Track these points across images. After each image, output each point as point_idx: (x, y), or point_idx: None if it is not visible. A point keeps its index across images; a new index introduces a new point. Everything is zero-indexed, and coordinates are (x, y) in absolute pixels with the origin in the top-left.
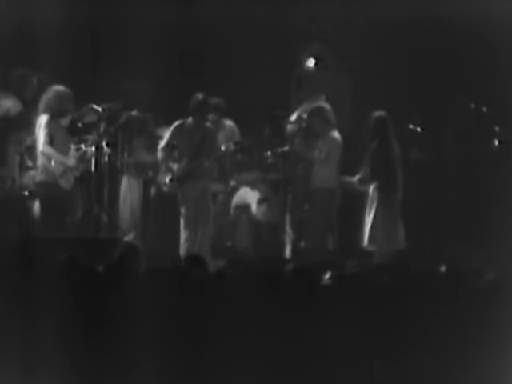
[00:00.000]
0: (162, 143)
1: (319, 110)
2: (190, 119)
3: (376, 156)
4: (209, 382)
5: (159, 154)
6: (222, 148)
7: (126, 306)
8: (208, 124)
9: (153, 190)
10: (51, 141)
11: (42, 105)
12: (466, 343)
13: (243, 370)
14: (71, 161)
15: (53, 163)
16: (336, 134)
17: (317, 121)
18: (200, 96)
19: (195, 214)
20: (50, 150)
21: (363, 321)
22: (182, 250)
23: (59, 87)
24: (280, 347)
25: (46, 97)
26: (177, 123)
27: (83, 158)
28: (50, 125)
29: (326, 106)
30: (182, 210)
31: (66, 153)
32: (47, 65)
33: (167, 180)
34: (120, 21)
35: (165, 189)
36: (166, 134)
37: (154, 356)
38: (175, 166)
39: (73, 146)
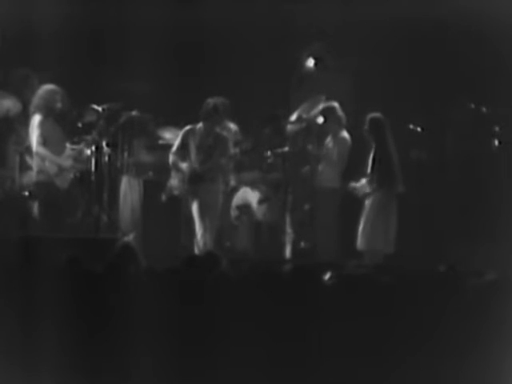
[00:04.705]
0: (173, 147)
1: (331, 110)
2: (200, 124)
3: (373, 158)
4: (209, 382)
5: (170, 158)
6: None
7: (123, 306)
8: (218, 129)
9: (154, 191)
10: (44, 141)
11: (32, 105)
12: (467, 343)
13: (244, 369)
14: (66, 161)
15: (47, 163)
16: (345, 135)
17: (329, 120)
18: (211, 103)
19: (207, 214)
20: (43, 151)
21: (364, 321)
22: (198, 248)
23: (48, 86)
24: (280, 347)
25: (36, 97)
26: (187, 128)
27: (78, 158)
28: (42, 125)
29: (337, 105)
30: (194, 211)
31: (60, 152)
32: (47, 65)
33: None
34: (120, 21)
35: (175, 192)
36: (177, 139)
37: (153, 356)
38: (186, 169)
39: (68, 146)
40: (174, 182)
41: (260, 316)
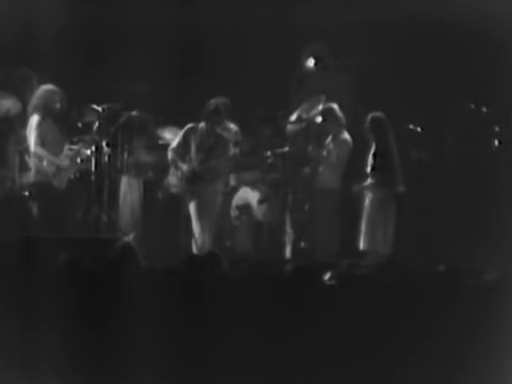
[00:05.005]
0: (173, 144)
1: (330, 111)
2: (202, 124)
3: (373, 157)
4: (209, 382)
5: (169, 155)
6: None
7: (123, 306)
8: (219, 130)
9: (154, 190)
10: (42, 142)
11: (30, 106)
12: (466, 343)
13: (244, 370)
14: (63, 161)
15: (45, 164)
16: (347, 136)
17: (328, 121)
18: (213, 104)
19: (204, 214)
20: (41, 151)
21: (364, 321)
22: (196, 247)
23: (46, 86)
24: (280, 347)
25: (34, 97)
26: (188, 126)
27: (76, 158)
28: (40, 126)
29: (336, 106)
30: (192, 211)
31: (58, 152)
32: (47, 65)
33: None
34: (120, 21)
35: (173, 190)
36: (177, 136)
37: (153, 356)
38: (184, 167)
39: (66, 146)
40: (171, 179)
41: (260, 316)
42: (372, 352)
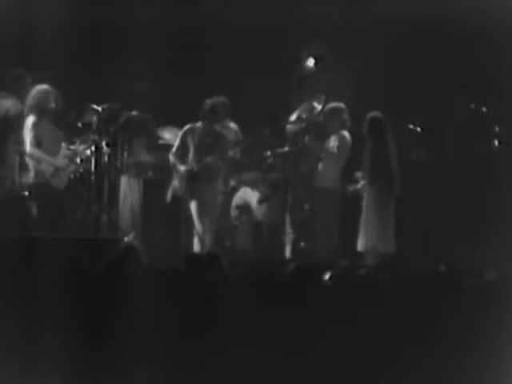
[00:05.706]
0: (173, 148)
1: (338, 111)
2: (199, 123)
3: (371, 157)
4: (209, 381)
5: (171, 158)
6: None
7: (126, 306)
8: (217, 128)
9: (154, 190)
10: (38, 143)
11: (26, 107)
12: (467, 343)
13: (243, 369)
14: (61, 161)
15: (43, 164)
16: (347, 134)
17: (332, 120)
18: (209, 104)
19: (204, 214)
20: (36, 152)
21: (364, 320)
22: (197, 247)
23: (41, 86)
24: (280, 346)
25: (29, 98)
26: (187, 127)
27: (74, 158)
28: (36, 126)
29: (344, 107)
30: (192, 210)
31: (56, 152)
32: (47, 65)
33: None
34: (120, 20)
35: (178, 192)
36: (177, 138)
37: (154, 357)
38: (183, 168)
39: (63, 145)
40: (175, 182)
41: (260, 316)
42: (372, 352)
